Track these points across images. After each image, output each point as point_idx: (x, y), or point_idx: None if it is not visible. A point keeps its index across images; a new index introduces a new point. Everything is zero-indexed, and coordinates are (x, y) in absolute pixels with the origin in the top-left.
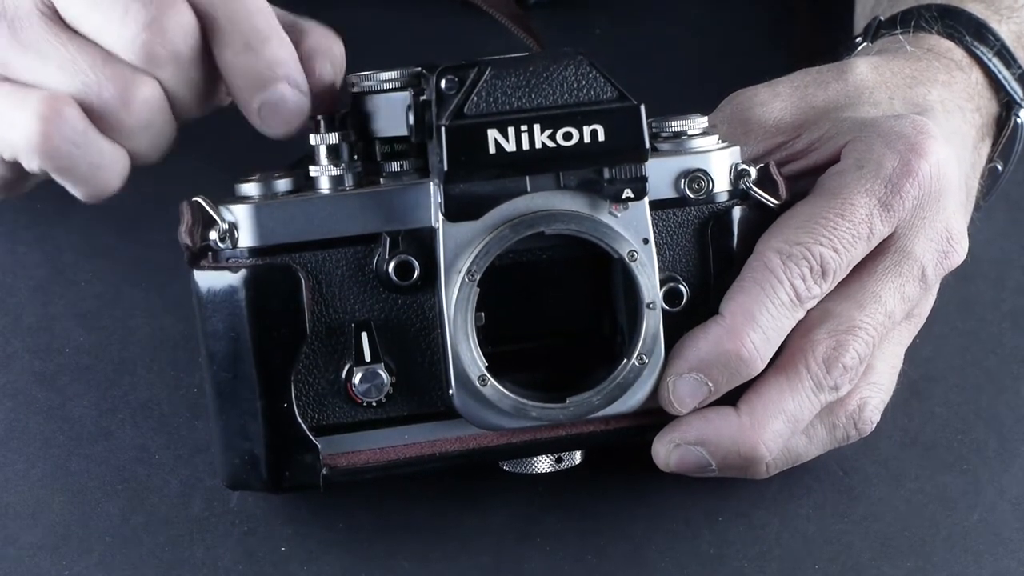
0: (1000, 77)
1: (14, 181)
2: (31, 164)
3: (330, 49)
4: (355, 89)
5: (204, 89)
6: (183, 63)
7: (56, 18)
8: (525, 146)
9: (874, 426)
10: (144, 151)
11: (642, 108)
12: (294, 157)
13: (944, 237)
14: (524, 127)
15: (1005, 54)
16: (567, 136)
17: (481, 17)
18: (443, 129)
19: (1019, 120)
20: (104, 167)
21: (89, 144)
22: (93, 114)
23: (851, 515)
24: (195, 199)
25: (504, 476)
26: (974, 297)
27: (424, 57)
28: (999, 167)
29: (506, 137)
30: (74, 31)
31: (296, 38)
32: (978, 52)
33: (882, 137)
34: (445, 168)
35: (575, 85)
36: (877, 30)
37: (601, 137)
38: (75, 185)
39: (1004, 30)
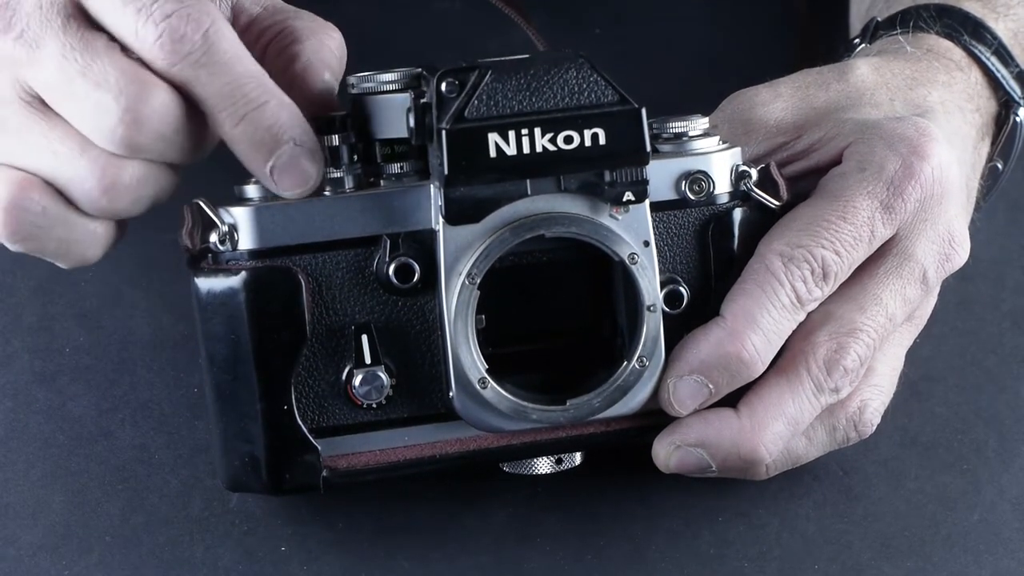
0: (998, 76)
1: None
2: (7, 245)
3: (328, 53)
4: (355, 90)
5: (194, 150)
6: (166, 141)
7: (40, 105)
8: (526, 150)
9: (874, 428)
10: (135, 214)
11: (643, 111)
12: None
13: (946, 239)
14: (525, 131)
15: (1003, 52)
16: (568, 140)
17: (480, 15)
18: (443, 133)
19: (1018, 119)
20: (80, 242)
21: (56, 225)
22: (75, 199)
23: (851, 515)
24: (195, 201)
25: (504, 476)
26: (974, 297)
27: (423, 57)
28: (999, 166)
29: (507, 141)
30: (58, 116)
31: (291, 46)
32: (976, 51)
33: (884, 139)
34: (445, 172)
35: (576, 88)
36: (875, 31)
37: (602, 140)
38: (52, 260)
39: (1001, 28)
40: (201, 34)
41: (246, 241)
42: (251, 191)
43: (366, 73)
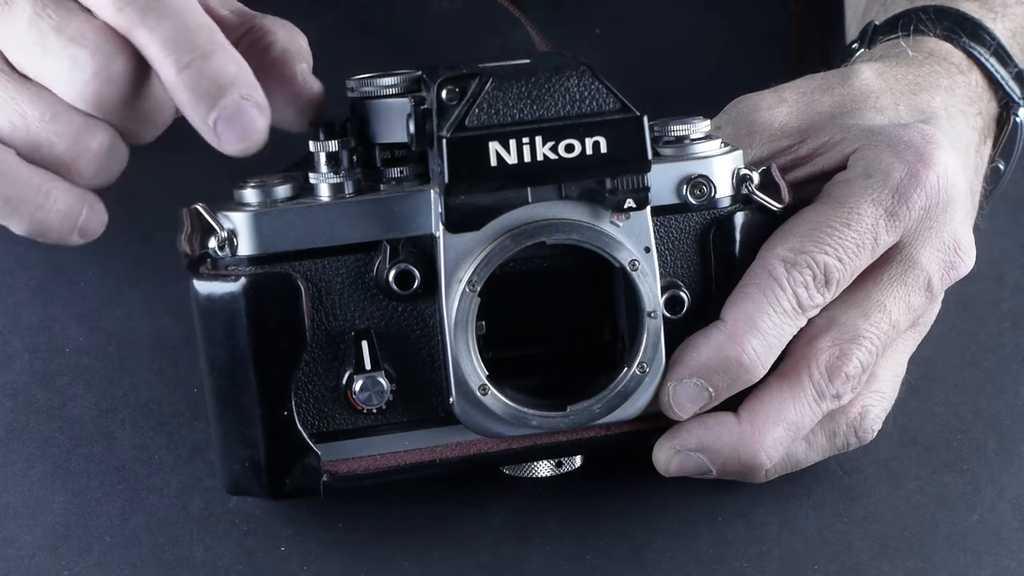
0: (998, 77)
1: None
2: None
3: (301, 44)
4: (354, 94)
5: (157, 118)
6: (134, 103)
7: (4, 65)
8: (527, 158)
9: (875, 434)
10: (99, 184)
11: (644, 119)
12: (291, 159)
13: (951, 247)
14: (526, 139)
15: (1002, 53)
16: (569, 148)
17: (480, 15)
18: (444, 141)
19: (1018, 119)
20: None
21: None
22: (45, 163)
23: (851, 515)
24: (194, 206)
25: (504, 477)
26: (974, 297)
27: (423, 56)
28: (1000, 167)
29: (507, 149)
30: (26, 78)
31: (263, 38)
32: (975, 53)
33: (890, 146)
34: (446, 180)
35: (577, 96)
36: (874, 35)
37: (603, 149)
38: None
39: (999, 28)
40: None
41: (245, 247)
42: (250, 196)
43: (365, 76)
